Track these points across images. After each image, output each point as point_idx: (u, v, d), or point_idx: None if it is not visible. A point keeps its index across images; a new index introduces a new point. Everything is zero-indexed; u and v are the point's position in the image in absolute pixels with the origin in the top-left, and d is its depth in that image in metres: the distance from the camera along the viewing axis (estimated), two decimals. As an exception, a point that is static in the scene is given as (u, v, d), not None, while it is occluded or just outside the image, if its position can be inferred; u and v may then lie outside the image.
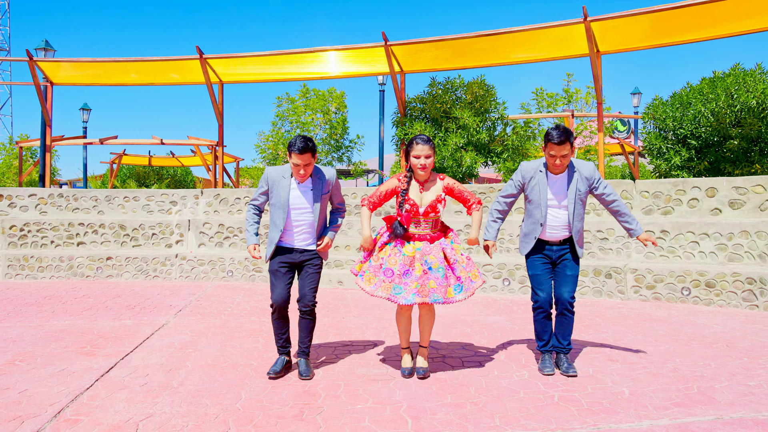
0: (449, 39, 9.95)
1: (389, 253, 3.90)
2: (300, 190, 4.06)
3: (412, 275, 3.82)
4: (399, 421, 3.21)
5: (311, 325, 4.12)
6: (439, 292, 3.82)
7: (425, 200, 3.90)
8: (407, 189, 3.89)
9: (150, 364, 4.33)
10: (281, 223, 4.03)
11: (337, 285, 8.42)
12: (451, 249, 3.93)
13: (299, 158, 3.90)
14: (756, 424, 3.13)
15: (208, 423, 3.16)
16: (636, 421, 3.18)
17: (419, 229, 3.94)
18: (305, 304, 4.05)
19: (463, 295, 3.89)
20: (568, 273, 4.17)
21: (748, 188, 7.34)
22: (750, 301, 6.57)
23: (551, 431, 3.06)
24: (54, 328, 5.52)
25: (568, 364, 4.11)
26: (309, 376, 3.97)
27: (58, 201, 9.95)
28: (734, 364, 4.30)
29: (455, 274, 3.89)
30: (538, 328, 4.26)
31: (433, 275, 3.82)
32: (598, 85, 9.55)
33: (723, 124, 9.00)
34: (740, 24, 8.66)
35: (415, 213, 3.88)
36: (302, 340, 4.11)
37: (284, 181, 4.05)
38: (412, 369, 4.03)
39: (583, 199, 4.13)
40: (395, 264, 3.84)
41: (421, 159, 3.84)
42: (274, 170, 4.14)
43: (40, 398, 3.54)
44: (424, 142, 3.84)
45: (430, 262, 3.84)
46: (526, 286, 7.80)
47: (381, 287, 3.86)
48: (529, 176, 4.17)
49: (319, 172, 4.12)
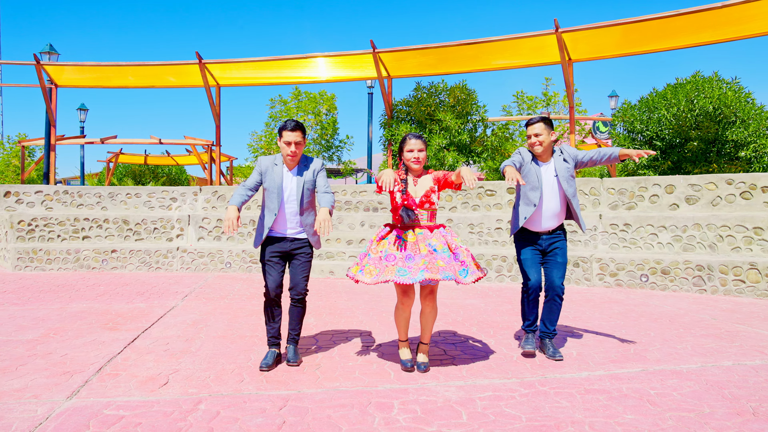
0: (434, 47, 10.68)
1: (389, 243, 3.93)
2: (289, 177, 4.20)
3: (417, 257, 3.80)
4: (383, 373, 3.90)
5: (302, 313, 4.27)
6: (450, 270, 3.75)
7: (419, 191, 4.01)
8: (405, 180, 4.04)
9: (168, 336, 4.99)
10: (275, 207, 4.13)
11: (328, 275, 9.10)
12: (451, 238, 3.99)
13: (290, 135, 4.07)
14: (673, 373, 3.86)
15: (226, 375, 3.84)
16: (577, 372, 3.91)
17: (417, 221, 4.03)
18: (298, 293, 4.19)
19: (470, 278, 3.85)
20: (558, 260, 4.38)
21: (702, 185, 8.12)
22: (699, 286, 7.35)
23: (507, 379, 3.77)
24: (75, 310, 6.15)
25: (554, 348, 4.31)
26: (297, 362, 4.10)
27: (63, 197, 10.55)
28: (670, 334, 5.04)
29: (459, 259, 3.89)
30: (526, 308, 4.47)
31: (439, 255, 3.81)
32: (569, 90, 10.32)
33: (684, 127, 9.79)
34: (698, 36, 9.46)
35: (411, 203, 3.98)
36: (293, 327, 4.26)
37: (276, 168, 4.19)
38: (413, 361, 4.03)
39: (572, 174, 4.43)
40: (397, 249, 3.86)
41: (414, 152, 3.99)
42: (266, 158, 4.30)
43: (80, 360, 4.19)
44: (416, 138, 4.02)
45: (434, 244, 3.86)
46: (501, 275, 8.52)
47: (385, 271, 3.79)
48: (527, 160, 4.42)
49: (307, 161, 4.28)
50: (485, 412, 3.15)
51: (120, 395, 3.42)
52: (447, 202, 9.75)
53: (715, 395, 3.39)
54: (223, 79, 12.58)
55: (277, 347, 4.23)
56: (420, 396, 3.42)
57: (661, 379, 3.73)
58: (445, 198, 9.74)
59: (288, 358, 4.14)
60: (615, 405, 3.24)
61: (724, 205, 7.96)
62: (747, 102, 9.84)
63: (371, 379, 3.76)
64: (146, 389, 3.53)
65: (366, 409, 3.21)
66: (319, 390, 3.55)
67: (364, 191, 10.23)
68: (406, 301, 3.99)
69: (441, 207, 9.69)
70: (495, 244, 9.02)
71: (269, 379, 3.76)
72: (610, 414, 3.11)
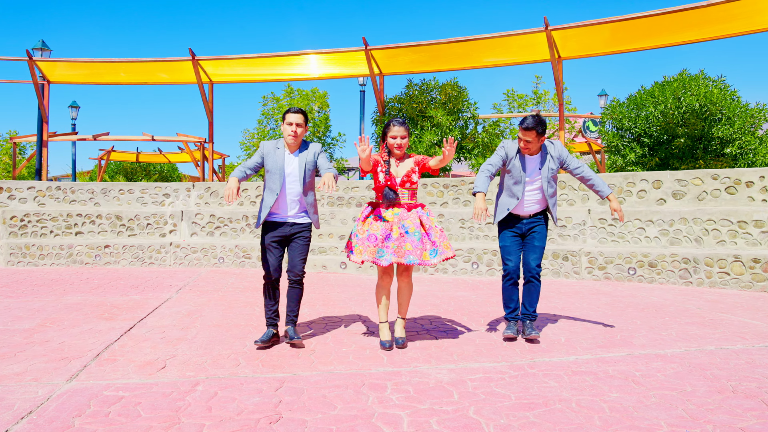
0: (426, 44, 10.79)
1: (370, 223, 4.26)
2: (291, 158, 4.38)
3: (390, 239, 4.17)
4: (377, 358, 4.00)
5: (299, 294, 4.45)
6: (415, 254, 4.13)
7: (401, 172, 4.31)
8: (388, 161, 4.32)
9: (164, 325, 5.06)
10: (277, 187, 4.31)
11: (321, 269, 9.18)
12: (427, 218, 4.29)
13: (293, 116, 4.30)
14: (657, 357, 3.98)
15: (223, 360, 3.92)
16: (565, 356, 4.02)
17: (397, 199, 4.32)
18: (296, 274, 4.38)
19: (437, 259, 4.20)
20: (536, 244, 4.58)
21: (689, 181, 8.28)
22: (685, 278, 7.50)
23: (497, 362, 3.88)
24: (70, 302, 6.20)
25: (532, 328, 4.47)
26: (298, 339, 4.27)
27: (56, 193, 10.57)
28: (656, 322, 5.16)
29: (430, 239, 4.23)
30: (506, 295, 4.66)
31: (409, 238, 4.16)
32: (559, 88, 10.46)
33: (671, 124, 9.96)
34: (684, 34, 9.63)
35: (392, 184, 4.27)
36: (291, 309, 4.43)
37: (278, 152, 4.37)
38: (391, 341, 4.28)
39: (555, 175, 4.61)
40: (377, 230, 4.19)
41: (398, 139, 4.27)
42: (268, 143, 4.47)
43: (78, 347, 4.26)
44: (399, 125, 4.28)
45: (406, 226, 4.19)
46: (492, 269, 8.64)
47: (366, 251, 4.16)
48: (512, 154, 4.55)
49: (307, 145, 4.46)
50: (476, 391, 3.26)
51: (119, 378, 3.49)
52: (438, 197, 9.86)
53: (697, 376, 3.51)
54: (216, 76, 12.63)
55: (275, 327, 4.42)
56: (413, 378, 3.52)
57: (646, 362, 3.85)
58: (436, 194, 9.85)
59: (289, 336, 4.30)
60: (601, 385, 3.35)
61: (709, 200, 8.13)
62: (732, 100, 10.03)
63: (365, 363, 3.86)
64: (144, 373, 3.60)
65: (360, 389, 3.30)
66: (314, 373, 3.64)
67: (356, 187, 10.33)
68: (386, 278, 4.35)
69: (432, 203, 9.80)
70: (486, 239, 9.14)
71: (265, 363, 3.84)
72: (596, 393, 3.22)
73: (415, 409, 2.98)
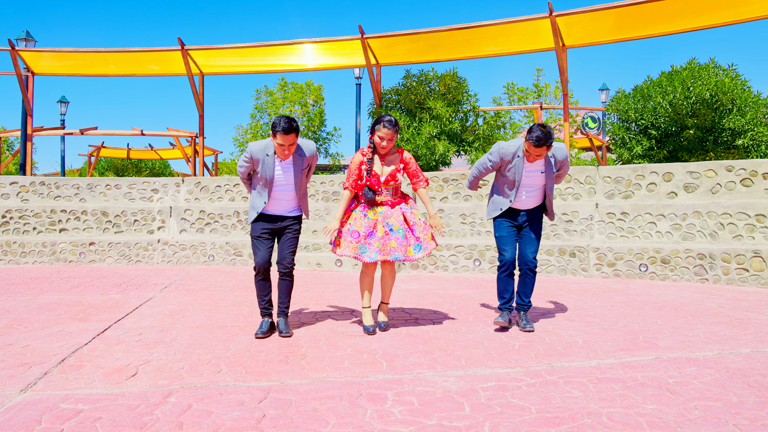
0: (424, 32, 10.35)
1: (355, 218, 4.31)
2: (282, 167, 4.23)
3: (375, 236, 4.25)
4: (375, 363, 3.57)
5: (290, 286, 4.42)
6: (400, 251, 4.24)
7: (386, 171, 4.33)
8: (372, 159, 4.30)
9: (142, 326, 4.62)
10: (265, 194, 4.26)
11: (315, 267, 8.75)
12: (411, 213, 4.37)
13: (284, 139, 4.02)
14: (689, 361, 3.56)
15: (202, 366, 3.49)
16: (586, 361, 3.60)
17: (381, 196, 4.37)
18: (285, 266, 4.34)
19: (421, 254, 4.30)
20: (532, 235, 4.52)
21: (701, 173, 7.87)
22: (701, 275, 7.09)
23: (511, 368, 3.45)
24: (45, 301, 5.76)
25: (527, 320, 4.47)
26: (288, 333, 4.25)
27: (40, 189, 10.10)
28: (678, 322, 4.75)
29: (414, 235, 4.32)
30: (501, 286, 4.59)
31: (393, 236, 4.25)
32: (563, 77, 10.04)
33: (680, 115, 9.55)
34: (695, 20, 9.22)
35: (377, 182, 4.29)
36: (282, 301, 4.39)
37: (268, 159, 4.17)
38: (374, 326, 4.39)
39: (554, 175, 4.53)
40: (361, 226, 4.26)
41: (384, 141, 4.22)
42: (256, 148, 4.20)
43: (42, 351, 3.82)
44: (390, 127, 4.18)
45: (391, 224, 4.27)
46: (495, 266, 8.18)
47: (348, 247, 4.25)
48: (507, 159, 4.39)
49: (300, 149, 4.27)
50: (490, 403, 2.83)
51: (81, 388, 3.06)
52: (438, 192, 9.43)
53: (739, 383, 3.09)
54: (207, 67, 12.16)
55: (270, 316, 4.42)
56: (416, 387, 3.09)
57: (678, 366, 3.43)
58: (435, 188, 9.42)
59: (280, 329, 4.28)
60: (632, 395, 2.93)
61: (724, 193, 7.71)
62: (744, 90, 9.61)
63: (362, 369, 3.43)
64: (111, 381, 3.17)
65: (356, 401, 2.88)
66: (304, 381, 3.21)
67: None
68: (370, 266, 4.43)
69: (432, 197, 9.37)
70: (488, 235, 8.72)
71: (249, 370, 3.41)
72: (628, 404, 2.80)
73: (421, 426, 2.55)
